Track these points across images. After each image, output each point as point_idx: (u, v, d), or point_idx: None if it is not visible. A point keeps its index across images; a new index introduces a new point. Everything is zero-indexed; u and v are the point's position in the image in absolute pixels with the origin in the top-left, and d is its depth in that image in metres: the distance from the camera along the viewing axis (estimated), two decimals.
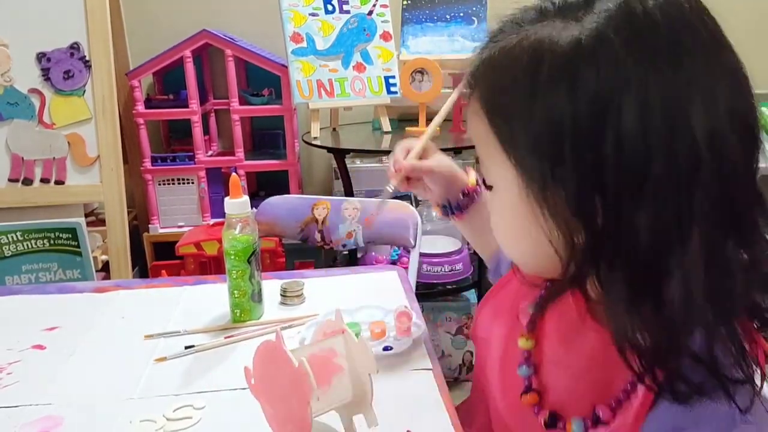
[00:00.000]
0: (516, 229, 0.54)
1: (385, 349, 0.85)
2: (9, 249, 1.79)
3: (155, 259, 2.12)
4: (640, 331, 0.47)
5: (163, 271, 1.92)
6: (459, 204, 0.84)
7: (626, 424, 0.51)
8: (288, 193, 2.08)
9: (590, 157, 0.45)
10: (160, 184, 2.12)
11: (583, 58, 0.45)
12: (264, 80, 2.18)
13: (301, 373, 0.61)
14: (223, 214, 0.95)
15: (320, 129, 2.01)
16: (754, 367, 0.48)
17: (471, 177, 0.83)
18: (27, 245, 1.80)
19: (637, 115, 0.44)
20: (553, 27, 0.48)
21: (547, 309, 0.61)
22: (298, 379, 0.61)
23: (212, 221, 2.04)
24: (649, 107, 0.44)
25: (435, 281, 2.00)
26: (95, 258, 1.89)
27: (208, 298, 1.06)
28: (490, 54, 0.53)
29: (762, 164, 0.49)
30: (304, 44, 1.98)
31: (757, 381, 0.48)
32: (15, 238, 1.79)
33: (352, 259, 1.95)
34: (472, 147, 0.75)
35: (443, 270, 1.99)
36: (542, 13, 0.50)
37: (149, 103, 2.12)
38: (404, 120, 2.18)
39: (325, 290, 1.10)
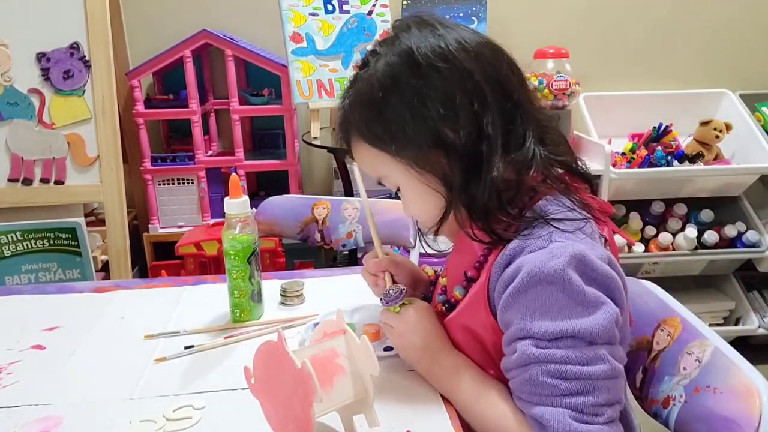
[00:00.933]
0: (421, 200, 0.76)
1: (386, 349, 0.85)
2: (9, 249, 1.79)
3: (155, 259, 2.11)
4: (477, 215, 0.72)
5: (163, 271, 1.92)
6: (430, 296, 0.94)
7: (486, 271, 0.73)
8: (288, 193, 2.08)
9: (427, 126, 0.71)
10: (159, 184, 2.11)
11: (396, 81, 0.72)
12: (264, 80, 2.18)
13: (305, 375, 0.61)
14: (223, 214, 0.95)
15: (320, 129, 2.01)
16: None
17: (429, 270, 1.01)
18: (27, 245, 1.80)
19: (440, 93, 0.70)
20: (370, 69, 0.74)
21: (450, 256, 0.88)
22: (301, 380, 0.61)
23: (212, 221, 2.04)
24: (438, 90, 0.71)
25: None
26: (95, 258, 1.89)
27: (208, 298, 1.06)
28: (349, 102, 0.76)
29: (763, 164, 0.51)
30: (304, 44, 1.98)
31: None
32: (15, 238, 1.79)
33: (352, 259, 1.95)
34: None
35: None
36: (362, 65, 0.76)
37: (149, 103, 2.11)
38: None
39: (325, 290, 1.10)
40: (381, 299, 0.82)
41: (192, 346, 0.89)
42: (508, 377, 0.70)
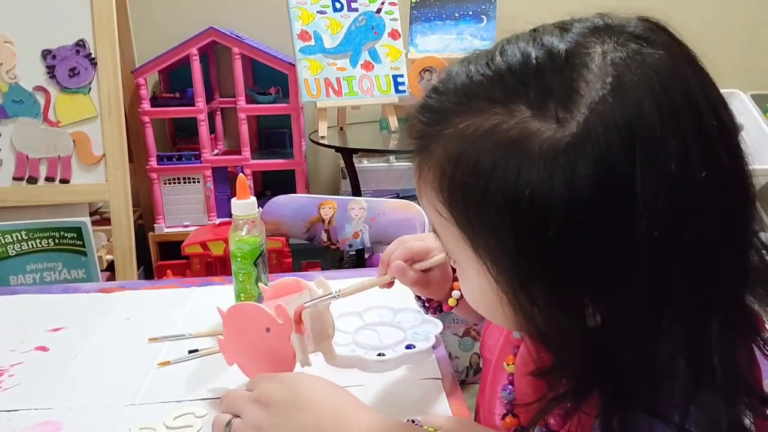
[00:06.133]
0: (489, 307, 0.48)
1: (408, 347, 0.83)
2: (13, 248, 1.78)
3: (161, 258, 2.11)
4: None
5: (169, 271, 1.91)
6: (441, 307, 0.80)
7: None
8: (294, 192, 2.06)
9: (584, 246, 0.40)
10: (165, 183, 2.10)
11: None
12: (271, 78, 2.17)
13: (265, 313, 0.70)
14: (229, 214, 0.93)
15: (327, 128, 2.00)
16: None
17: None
18: (32, 244, 1.79)
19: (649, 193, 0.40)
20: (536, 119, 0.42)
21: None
22: (267, 318, 0.70)
23: (218, 221, 2.03)
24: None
25: None
26: (100, 258, 1.88)
27: (215, 301, 1.04)
28: (458, 129, 0.44)
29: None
30: (312, 42, 1.97)
31: None
32: (19, 238, 1.78)
33: (359, 259, 1.93)
34: None
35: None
36: (515, 92, 0.43)
37: (155, 101, 2.10)
38: None
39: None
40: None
41: (196, 350, 0.88)
42: None
